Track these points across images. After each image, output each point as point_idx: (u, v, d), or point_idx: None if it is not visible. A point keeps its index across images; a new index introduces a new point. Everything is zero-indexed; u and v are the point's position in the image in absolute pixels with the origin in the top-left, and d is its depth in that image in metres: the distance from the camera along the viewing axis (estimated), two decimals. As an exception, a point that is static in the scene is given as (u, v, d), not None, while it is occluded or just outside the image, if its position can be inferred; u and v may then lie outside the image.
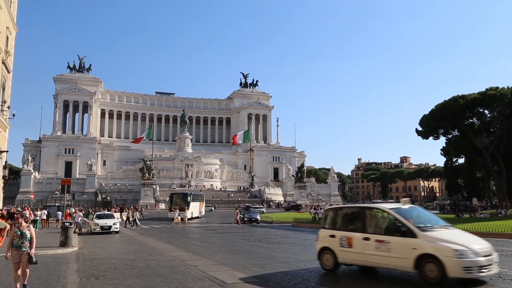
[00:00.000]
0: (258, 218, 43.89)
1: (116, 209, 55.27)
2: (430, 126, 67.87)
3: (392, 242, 10.90)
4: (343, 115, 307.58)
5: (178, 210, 44.34)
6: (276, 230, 33.80)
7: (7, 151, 38.60)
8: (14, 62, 40.93)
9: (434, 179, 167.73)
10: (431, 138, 71.01)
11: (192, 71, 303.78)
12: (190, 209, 48.73)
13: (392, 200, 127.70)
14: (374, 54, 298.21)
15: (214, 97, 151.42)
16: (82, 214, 35.44)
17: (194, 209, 51.95)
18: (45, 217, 38.79)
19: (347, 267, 13.08)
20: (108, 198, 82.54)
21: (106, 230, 30.53)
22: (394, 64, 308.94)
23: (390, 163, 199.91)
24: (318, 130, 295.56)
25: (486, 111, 64.81)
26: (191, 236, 29.44)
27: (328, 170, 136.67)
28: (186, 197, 50.44)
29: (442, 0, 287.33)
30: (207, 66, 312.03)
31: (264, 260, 15.99)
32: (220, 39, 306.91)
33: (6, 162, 38.51)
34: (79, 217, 32.23)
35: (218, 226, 39.89)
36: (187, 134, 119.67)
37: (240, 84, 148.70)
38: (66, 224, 21.99)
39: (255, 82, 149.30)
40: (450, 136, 73.00)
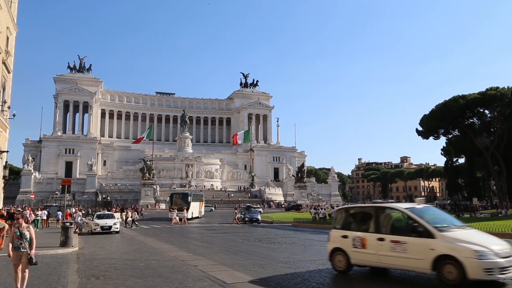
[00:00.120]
0: (259, 218, 43.86)
1: (116, 209, 55.22)
2: (430, 126, 67.97)
3: (409, 242, 10.63)
4: (343, 115, 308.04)
5: (176, 210, 44.30)
6: (277, 230, 33.79)
7: (7, 151, 38.59)
8: (14, 62, 40.89)
9: (434, 179, 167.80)
10: (431, 138, 71.18)
11: (192, 71, 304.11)
12: (191, 209, 48.78)
13: (392, 200, 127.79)
14: (374, 54, 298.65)
15: (214, 97, 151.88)
16: (81, 213, 35.49)
17: (194, 209, 51.97)
18: (45, 217, 38.84)
19: (359, 268, 12.73)
20: (109, 198, 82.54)
21: (107, 230, 30.55)
22: (394, 64, 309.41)
23: (391, 163, 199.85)
24: (318, 130, 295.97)
25: (487, 111, 64.94)
26: (191, 236, 29.43)
27: (328, 170, 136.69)
28: (187, 197, 50.44)
29: (442, 0, 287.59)
30: (207, 66, 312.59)
31: (265, 260, 15.98)
32: (220, 39, 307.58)
33: (6, 162, 38.50)
34: (79, 217, 32.29)
35: (218, 226, 39.88)
36: (187, 134, 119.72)
37: (240, 84, 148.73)
38: (66, 224, 22.00)
39: (255, 82, 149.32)
40: (450, 136, 73.14)
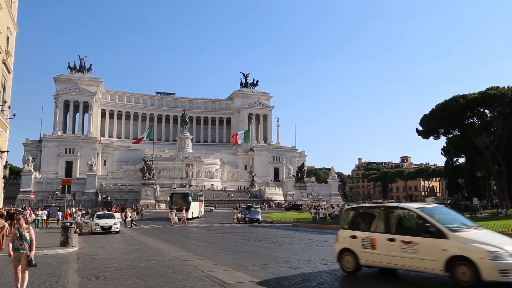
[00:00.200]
0: (260, 218, 43.83)
1: (116, 209, 55.19)
2: (430, 125, 67.94)
3: (420, 243, 10.40)
4: (343, 115, 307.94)
5: (175, 210, 44.26)
6: (277, 230, 33.79)
7: (7, 151, 38.63)
8: (14, 62, 40.92)
9: (434, 179, 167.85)
10: (431, 137, 71.13)
11: (192, 71, 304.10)
12: (191, 209, 48.78)
13: (393, 200, 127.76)
14: (374, 54, 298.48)
15: (214, 97, 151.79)
16: (81, 213, 35.49)
17: (194, 209, 51.97)
18: (45, 217, 38.86)
19: (367, 269, 12.53)
20: (109, 198, 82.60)
21: (107, 230, 30.55)
22: (394, 64, 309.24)
23: (391, 163, 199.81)
24: (318, 130, 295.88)
25: (487, 111, 64.91)
26: (191, 236, 29.43)
27: (329, 170, 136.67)
28: (187, 197, 50.42)
29: (442, 0, 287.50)
30: (207, 66, 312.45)
31: (265, 260, 15.98)
32: (220, 39, 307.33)
33: (6, 162, 38.54)
34: (79, 216, 32.29)
35: (219, 226, 39.88)
36: (188, 134, 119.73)
37: (241, 84, 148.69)
38: (66, 224, 22.00)
39: (255, 82, 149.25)
40: (450, 135, 73.08)
